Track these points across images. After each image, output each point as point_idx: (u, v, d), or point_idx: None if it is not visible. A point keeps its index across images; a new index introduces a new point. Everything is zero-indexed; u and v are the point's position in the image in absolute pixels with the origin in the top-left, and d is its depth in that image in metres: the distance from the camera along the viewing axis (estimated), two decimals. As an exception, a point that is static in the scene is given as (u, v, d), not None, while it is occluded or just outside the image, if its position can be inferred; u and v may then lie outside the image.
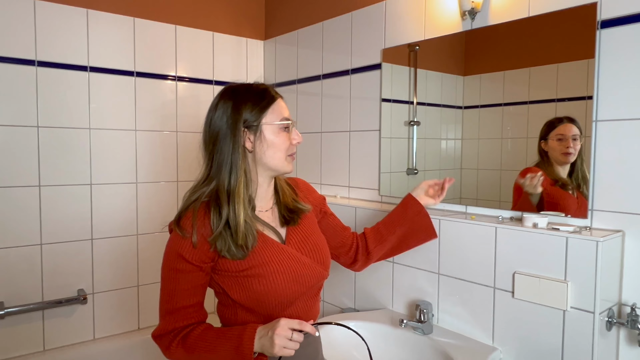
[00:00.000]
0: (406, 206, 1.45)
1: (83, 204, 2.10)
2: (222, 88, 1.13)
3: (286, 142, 1.09)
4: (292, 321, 0.97)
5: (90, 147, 2.10)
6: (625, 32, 1.29)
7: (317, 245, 1.18)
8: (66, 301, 2.04)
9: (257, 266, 1.04)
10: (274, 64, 2.59)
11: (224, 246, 1.01)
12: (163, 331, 1.04)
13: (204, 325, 1.06)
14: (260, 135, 1.06)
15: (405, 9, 1.87)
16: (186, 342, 1.02)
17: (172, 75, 2.33)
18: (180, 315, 1.04)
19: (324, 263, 1.17)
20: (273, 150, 1.07)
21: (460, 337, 1.53)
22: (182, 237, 1.02)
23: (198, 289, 1.05)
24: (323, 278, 1.17)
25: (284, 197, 1.17)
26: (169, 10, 2.30)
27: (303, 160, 2.42)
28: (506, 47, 1.59)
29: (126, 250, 2.23)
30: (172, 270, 1.03)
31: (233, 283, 1.05)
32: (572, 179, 1.44)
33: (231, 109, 1.05)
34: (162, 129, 2.32)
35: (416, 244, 1.49)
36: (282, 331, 0.94)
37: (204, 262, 1.03)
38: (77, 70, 2.05)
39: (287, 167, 1.11)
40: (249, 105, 1.05)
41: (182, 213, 1.04)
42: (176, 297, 1.03)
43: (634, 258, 1.30)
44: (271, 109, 1.07)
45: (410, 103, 1.91)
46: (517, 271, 1.39)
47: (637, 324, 1.26)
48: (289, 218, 1.15)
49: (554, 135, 1.45)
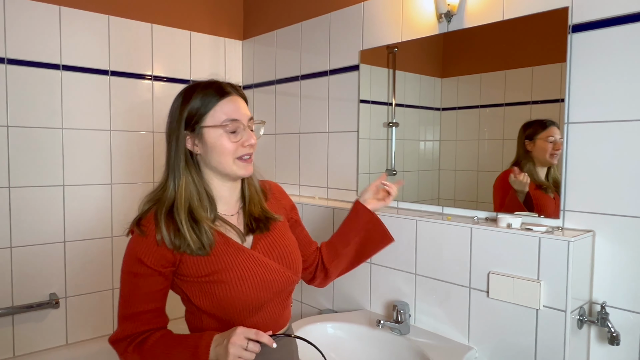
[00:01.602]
0: (356, 215, 1.33)
1: (55, 205, 2.05)
2: None
3: (230, 146, 1.01)
4: (248, 330, 0.92)
5: (62, 148, 2.05)
6: (596, 37, 1.32)
7: (287, 248, 1.12)
8: (37, 305, 1.98)
9: (220, 271, 1.00)
10: (252, 64, 2.58)
11: (183, 244, 0.98)
12: (120, 336, 1.01)
13: (162, 331, 1.02)
14: (202, 138, 1.02)
15: (383, 10, 1.88)
16: (142, 349, 0.99)
17: (149, 74, 2.29)
18: (138, 321, 1.00)
19: (293, 267, 1.11)
20: (216, 154, 1.02)
21: (437, 337, 1.54)
22: (142, 240, 0.99)
23: (157, 294, 1.01)
24: (292, 283, 1.11)
25: (250, 206, 1.11)
26: (145, 9, 2.27)
27: (281, 161, 2.41)
28: (483, 50, 1.61)
29: (100, 252, 2.18)
30: (130, 274, 1.01)
31: (196, 289, 1.01)
32: (547, 180, 1.47)
33: (177, 111, 1.03)
34: (138, 129, 2.28)
35: (375, 252, 1.36)
36: (238, 340, 0.90)
37: (164, 267, 1.00)
38: (49, 69, 2.00)
39: (238, 171, 1.04)
40: (191, 107, 1.02)
41: (142, 215, 1.02)
42: (134, 302, 1.00)
43: (604, 257, 1.33)
44: (214, 110, 1.01)
45: (389, 104, 1.92)
46: (492, 271, 1.41)
47: (607, 322, 1.29)
48: (255, 227, 1.09)
49: (544, 135, 1.46)
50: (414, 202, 1.80)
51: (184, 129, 1.02)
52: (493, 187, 1.59)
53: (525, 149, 1.50)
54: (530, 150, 1.48)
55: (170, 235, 0.99)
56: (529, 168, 1.49)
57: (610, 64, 1.30)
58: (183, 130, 1.02)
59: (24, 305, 1.96)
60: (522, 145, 1.50)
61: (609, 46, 1.30)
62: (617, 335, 1.27)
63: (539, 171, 1.49)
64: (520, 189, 1.51)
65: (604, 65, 1.31)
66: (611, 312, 1.30)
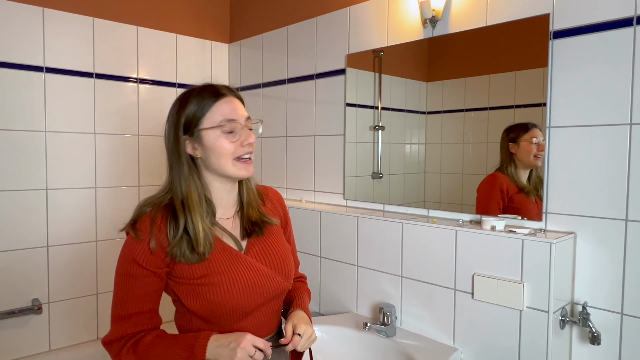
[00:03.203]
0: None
1: (38, 209, 2.02)
2: None
3: (229, 146, 1.02)
4: (257, 339, 0.95)
5: (46, 151, 2.02)
6: (576, 43, 1.35)
7: (280, 255, 1.12)
8: (19, 311, 1.95)
9: (213, 274, 1.01)
10: (239, 67, 2.57)
11: (179, 252, 0.99)
12: (113, 337, 1.01)
13: (156, 331, 1.02)
14: (201, 141, 1.02)
15: (369, 15, 1.90)
16: (137, 349, 0.99)
17: (134, 77, 2.28)
18: (132, 322, 1.00)
19: (285, 273, 1.11)
20: (216, 155, 1.02)
21: (423, 338, 1.56)
22: (137, 241, 0.99)
23: (152, 295, 1.02)
24: (283, 289, 1.11)
25: (247, 209, 1.11)
26: (130, 11, 2.25)
27: (268, 164, 2.41)
28: (467, 54, 1.64)
29: (84, 257, 2.15)
30: (125, 275, 1.00)
31: (188, 291, 1.02)
32: (529, 183, 1.49)
33: (174, 117, 1.04)
34: (123, 132, 2.25)
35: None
36: (247, 346, 0.92)
37: (159, 268, 1.00)
38: (32, 71, 1.97)
39: (238, 172, 1.04)
40: (187, 112, 1.02)
41: (137, 217, 1.02)
42: (128, 303, 1.00)
43: (585, 258, 1.36)
44: (210, 112, 1.02)
45: (375, 108, 1.94)
46: (477, 273, 1.43)
47: (588, 322, 1.31)
48: (250, 230, 1.10)
49: (528, 137, 1.48)
50: (400, 205, 1.82)
51: (183, 134, 1.03)
52: (477, 191, 1.61)
53: (509, 152, 1.52)
54: (515, 153, 1.51)
55: (168, 239, 0.99)
56: (511, 171, 1.52)
57: (590, 69, 1.33)
58: (182, 135, 1.02)
59: (6, 311, 1.92)
60: (506, 149, 1.52)
61: (588, 52, 1.33)
62: (598, 335, 1.29)
63: (522, 175, 1.51)
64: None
65: (583, 71, 1.34)
66: (592, 313, 1.33)
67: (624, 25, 1.27)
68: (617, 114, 1.29)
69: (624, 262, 1.29)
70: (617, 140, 1.29)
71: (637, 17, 1.25)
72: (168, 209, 1.02)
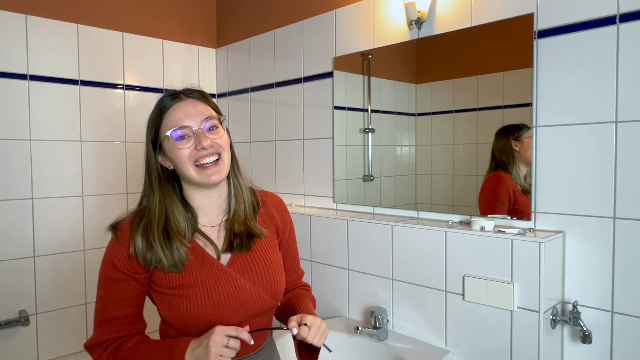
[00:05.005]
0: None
1: (24, 219, 1.99)
2: None
3: (183, 154, 0.98)
4: (227, 328, 0.92)
5: (31, 159, 2.00)
6: (561, 42, 1.36)
7: (267, 269, 1.05)
8: (6, 323, 1.92)
9: (188, 286, 0.97)
10: (227, 72, 2.56)
11: (155, 259, 0.97)
12: (95, 342, 1.00)
13: (138, 336, 1.01)
14: (164, 152, 1.01)
15: (355, 18, 1.90)
16: (118, 354, 0.98)
17: (120, 83, 2.25)
18: (114, 326, 0.99)
19: (271, 290, 1.04)
20: (177, 164, 0.99)
21: (415, 341, 1.54)
22: (117, 244, 0.99)
23: (133, 299, 1.00)
24: (269, 306, 1.04)
25: (232, 220, 1.06)
26: (115, 17, 2.23)
27: (257, 169, 2.39)
28: (455, 56, 1.64)
29: (72, 266, 2.12)
30: (106, 279, 1.00)
31: (163, 301, 0.99)
32: (526, 182, 1.48)
33: (146, 131, 1.04)
34: (111, 139, 2.23)
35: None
36: (218, 337, 0.89)
37: (137, 273, 0.99)
38: (16, 79, 1.95)
39: (200, 178, 0.99)
40: (149, 124, 1.03)
41: (119, 221, 1.02)
42: (110, 307, 0.99)
43: (575, 257, 1.36)
44: (164, 123, 1.00)
45: (364, 111, 1.93)
46: (467, 274, 1.42)
47: (579, 321, 1.31)
48: (236, 243, 1.03)
49: (531, 134, 1.44)
50: (390, 208, 1.81)
51: (152, 148, 1.02)
52: (481, 192, 1.57)
53: (511, 150, 1.48)
54: (519, 151, 1.49)
55: (143, 250, 0.97)
56: (515, 170, 1.50)
57: (575, 68, 1.33)
58: (151, 149, 1.02)
59: (-8, 323, 1.89)
60: (509, 148, 1.49)
61: (573, 51, 1.33)
62: (589, 334, 1.29)
63: (523, 173, 1.49)
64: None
65: (568, 70, 1.34)
66: (583, 311, 1.33)
67: (607, 23, 1.28)
68: (602, 112, 1.29)
69: (613, 259, 1.29)
70: (604, 138, 1.29)
71: (620, 15, 1.26)
72: (145, 220, 1.00)
